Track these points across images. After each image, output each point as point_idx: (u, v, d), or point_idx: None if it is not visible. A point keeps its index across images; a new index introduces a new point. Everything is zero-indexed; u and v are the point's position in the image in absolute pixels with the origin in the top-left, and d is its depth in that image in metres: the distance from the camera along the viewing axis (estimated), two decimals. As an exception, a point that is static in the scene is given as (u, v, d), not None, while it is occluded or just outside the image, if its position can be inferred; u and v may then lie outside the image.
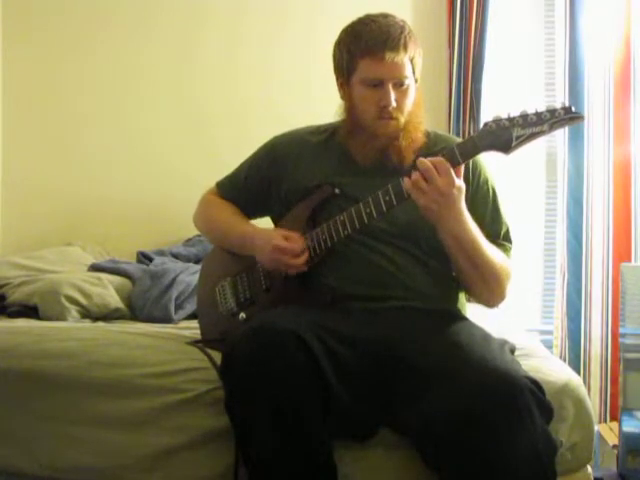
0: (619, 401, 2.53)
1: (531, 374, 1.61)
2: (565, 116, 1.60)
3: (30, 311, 2.52)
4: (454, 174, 1.65)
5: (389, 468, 1.73)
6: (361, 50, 1.81)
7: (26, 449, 1.83)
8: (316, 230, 1.85)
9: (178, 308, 2.62)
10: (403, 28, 1.81)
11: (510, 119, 1.62)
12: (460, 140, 1.94)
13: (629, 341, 2.52)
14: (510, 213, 1.93)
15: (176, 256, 2.98)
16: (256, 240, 1.89)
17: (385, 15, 1.84)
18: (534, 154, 3.22)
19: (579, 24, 3.01)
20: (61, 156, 3.30)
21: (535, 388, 1.56)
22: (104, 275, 2.71)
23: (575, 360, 3.00)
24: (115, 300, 2.62)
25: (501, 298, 1.86)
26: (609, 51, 3.00)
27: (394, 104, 1.81)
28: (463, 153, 1.67)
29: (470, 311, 1.98)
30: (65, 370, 1.85)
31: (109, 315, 2.59)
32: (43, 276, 2.68)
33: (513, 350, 1.81)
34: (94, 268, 2.82)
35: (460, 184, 1.67)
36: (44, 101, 3.30)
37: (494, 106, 3.05)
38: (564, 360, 2.98)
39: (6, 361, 1.89)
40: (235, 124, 3.24)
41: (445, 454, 1.55)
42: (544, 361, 1.91)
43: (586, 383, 2.96)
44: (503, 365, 1.58)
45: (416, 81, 1.86)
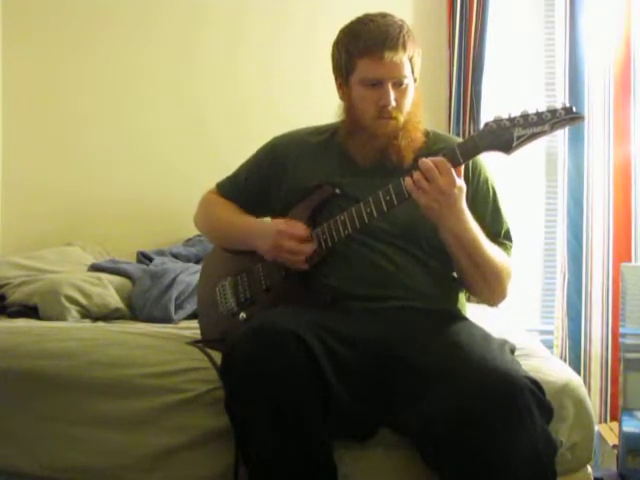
0: (619, 401, 2.53)
1: (531, 374, 1.61)
2: (566, 116, 1.60)
3: (30, 311, 2.52)
4: (455, 174, 1.65)
5: (389, 468, 1.73)
6: (360, 50, 1.80)
7: (26, 449, 1.83)
8: (316, 230, 1.84)
9: (178, 308, 2.62)
10: (402, 27, 1.81)
11: (511, 119, 1.63)
12: (460, 140, 1.94)
13: (629, 341, 2.52)
14: (510, 213, 1.94)
15: (176, 256, 2.98)
16: (258, 229, 1.90)
17: (384, 15, 1.84)
18: (534, 154, 3.22)
19: (579, 24, 3.01)
20: (61, 156, 3.30)
21: (535, 388, 1.56)
22: (104, 275, 2.71)
23: (575, 360, 3.00)
24: (115, 300, 2.62)
25: (502, 297, 1.87)
26: (609, 51, 3.00)
27: (393, 104, 1.81)
28: (464, 153, 1.67)
29: (470, 311, 1.98)
30: (65, 370, 1.85)
31: (109, 315, 2.59)
32: (43, 276, 2.68)
33: (513, 350, 1.81)
34: (94, 268, 2.82)
35: (461, 184, 1.67)
36: (44, 101, 3.30)
37: (494, 106, 3.05)
38: (564, 360, 2.98)
39: (6, 361, 1.89)
40: (235, 124, 3.24)
41: (445, 454, 1.55)
42: (544, 361, 1.91)
43: (586, 383, 2.96)
44: (503, 365, 1.58)
45: (415, 80, 1.86)
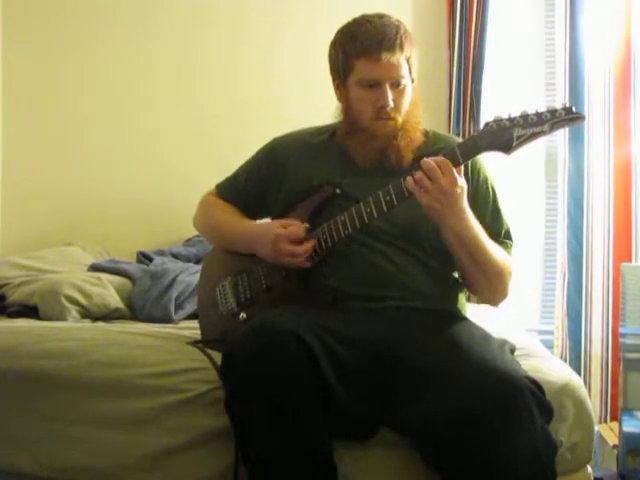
0: (619, 401, 2.53)
1: (531, 374, 1.61)
2: (566, 116, 1.60)
3: (30, 311, 2.52)
4: (457, 173, 1.65)
5: (389, 468, 1.73)
6: (357, 51, 1.80)
7: (26, 449, 1.83)
8: (317, 230, 1.84)
9: (178, 308, 2.62)
10: (398, 28, 1.80)
11: (511, 119, 1.63)
12: (459, 139, 1.94)
13: (629, 341, 2.51)
14: (510, 212, 1.94)
15: (176, 256, 2.98)
16: (256, 233, 1.90)
17: (380, 15, 1.84)
18: (534, 154, 3.22)
19: (579, 24, 3.01)
20: (61, 156, 3.30)
21: (535, 388, 1.56)
22: (104, 275, 2.71)
23: (576, 360, 3.00)
24: (115, 300, 2.62)
25: (503, 296, 1.87)
26: (609, 51, 3.00)
27: (391, 104, 1.80)
28: (464, 153, 1.68)
29: (470, 311, 1.98)
30: (65, 370, 1.85)
31: (109, 315, 2.59)
32: (43, 276, 2.68)
33: (513, 350, 1.81)
34: (94, 268, 2.82)
35: (462, 183, 1.67)
36: (44, 101, 3.30)
37: (494, 106, 3.05)
38: (565, 360, 2.98)
39: (6, 361, 1.89)
40: (235, 124, 3.24)
41: (445, 454, 1.55)
42: (544, 361, 1.91)
43: (587, 383, 2.95)
44: (503, 365, 1.58)
45: (413, 80, 1.86)
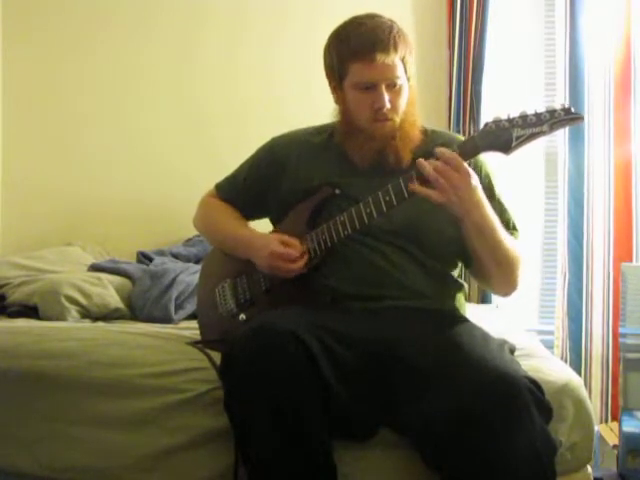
0: (619, 401, 2.53)
1: (531, 374, 1.61)
2: (565, 117, 1.60)
3: (30, 311, 2.52)
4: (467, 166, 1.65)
5: (388, 468, 1.72)
6: (351, 54, 1.79)
7: (26, 449, 1.83)
8: (316, 230, 1.84)
9: (178, 308, 2.63)
10: (391, 28, 1.79)
11: (510, 120, 1.63)
12: (458, 135, 1.94)
13: (630, 341, 2.51)
14: (512, 205, 1.93)
15: (176, 256, 2.99)
16: (254, 245, 1.89)
17: (372, 16, 1.82)
18: (534, 154, 3.22)
19: (579, 24, 3.01)
20: (61, 156, 3.30)
21: (534, 388, 1.55)
22: (104, 275, 2.71)
23: (576, 360, 3.00)
24: (115, 300, 2.62)
25: (515, 286, 1.85)
26: (609, 51, 3.00)
27: (388, 105, 1.80)
28: (464, 153, 1.68)
29: (470, 311, 1.98)
30: (65, 370, 1.85)
31: (109, 315, 2.59)
32: (43, 276, 2.68)
33: (513, 350, 1.81)
34: (94, 268, 2.82)
35: (473, 173, 1.67)
36: (44, 101, 3.30)
37: (494, 107, 3.05)
38: (565, 360, 2.97)
39: (6, 361, 1.89)
40: (235, 124, 3.24)
41: (445, 454, 1.55)
42: (544, 361, 1.91)
43: (587, 383, 2.95)
44: (502, 365, 1.58)
45: (409, 79, 1.84)
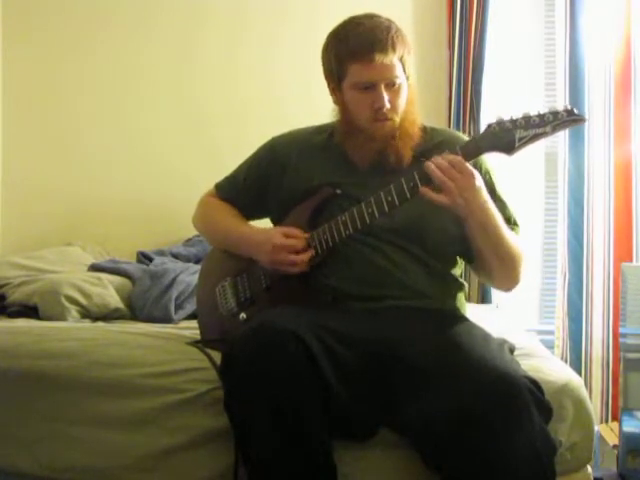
0: (619, 401, 2.53)
1: (531, 374, 1.61)
2: (568, 118, 1.60)
3: (30, 311, 2.52)
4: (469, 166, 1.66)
5: (388, 468, 1.72)
6: (349, 55, 1.79)
7: (26, 449, 1.83)
8: (317, 230, 1.84)
9: (178, 308, 2.62)
10: (389, 28, 1.78)
11: (512, 121, 1.63)
12: (458, 133, 1.94)
13: (630, 341, 2.51)
14: (513, 202, 1.93)
15: (176, 256, 2.98)
16: (255, 241, 1.89)
17: (370, 16, 1.82)
18: (534, 154, 3.21)
19: (579, 24, 3.01)
20: (61, 156, 3.30)
21: (534, 388, 1.55)
22: (104, 275, 2.71)
23: (576, 361, 2.99)
24: (115, 300, 2.62)
25: (517, 282, 1.85)
26: (609, 51, 3.00)
27: (388, 105, 1.79)
28: (466, 154, 1.68)
29: (470, 311, 1.98)
30: (65, 370, 1.85)
31: (109, 315, 2.59)
32: (43, 276, 2.68)
33: (513, 350, 1.81)
34: (94, 268, 2.82)
35: (477, 174, 1.67)
36: (44, 101, 3.30)
37: (494, 106, 3.05)
38: (565, 361, 2.97)
39: (6, 361, 1.89)
40: (235, 124, 3.24)
41: (445, 454, 1.55)
42: (544, 361, 1.91)
43: (587, 384, 2.95)
44: (502, 365, 1.58)
45: (407, 78, 1.84)
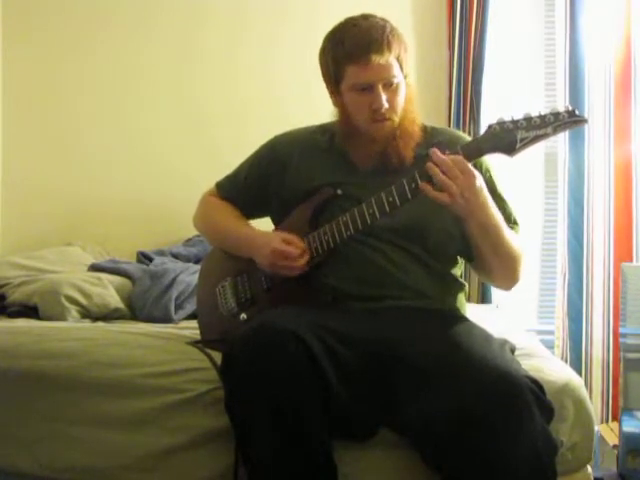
0: (619, 401, 2.53)
1: (532, 374, 1.61)
2: (569, 119, 1.60)
3: (30, 311, 2.52)
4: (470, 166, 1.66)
5: (389, 468, 1.72)
6: (345, 57, 1.79)
7: (26, 449, 1.83)
8: (318, 231, 1.84)
9: (178, 308, 2.62)
10: (385, 28, 1.78)
11: (514, 122, 1.63)
12: (458, 132, 1.94)
13: (630, 341, 2.51)
14: (513, 201, 1.93)
15: (176, 256, 2.98)
16: (255, 243, 1.89)
17: (365, 16, 1.82)
18: (534, 154, 3.21)
19: (579, 24, 3.01)
20: (61, 156, 3.30)
21: (535, 388, 1.56)
22: (104, 275, 2.71)
23: (576, 361, 2.99)
24: (115, 300, 2.62)
25: (516, 280, 1.86)
26: (609, 51, 3.00)
27: (386, 105, 1.79)
28: (467, 155, 1.67)
29: (470, 311, 1.98)
30: (65, 370, 1.85)
31: (109, 315, 2.59)
32: (43, 276, 2.68)
33: (513, 350, 1.81)
34: (94, 268, 2.82)
35: (478, 174, 1.67)
36: (44, 101, 3.30)
37: (494, 106, 3.05)
38: (565, 361, 2.97)
39: (6, 361, 1.89)
40: (235, 124, 3.24)
41: (445, 454, 1.55)
42: (545, 361, 1.91)
43: (587, 384, 2.95)
44: (503, 365, 1.58)
45: (405, 77, 1.84)
